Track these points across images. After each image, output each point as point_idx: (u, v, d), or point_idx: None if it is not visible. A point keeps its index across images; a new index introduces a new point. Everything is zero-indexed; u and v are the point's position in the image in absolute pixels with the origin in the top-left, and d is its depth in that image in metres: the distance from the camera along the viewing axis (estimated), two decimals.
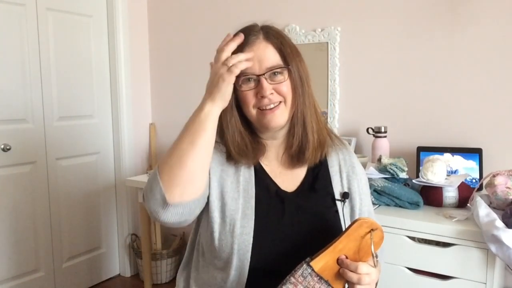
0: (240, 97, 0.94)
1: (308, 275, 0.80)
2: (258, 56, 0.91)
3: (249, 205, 0.93)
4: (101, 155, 2.67)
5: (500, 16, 1.69)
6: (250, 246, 0.89)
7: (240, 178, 0.96)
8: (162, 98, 2.83)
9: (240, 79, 0.91)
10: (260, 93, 0.90)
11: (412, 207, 1.50)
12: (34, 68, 2.27)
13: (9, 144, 2.18)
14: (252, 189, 0.95)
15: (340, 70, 2.08)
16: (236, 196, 0.93)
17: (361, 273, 0.81)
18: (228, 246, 0.90)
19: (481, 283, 1.28)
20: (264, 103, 0.91)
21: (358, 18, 2.02)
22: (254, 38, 0.93)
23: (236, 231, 0.90)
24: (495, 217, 1.24)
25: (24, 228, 2.28)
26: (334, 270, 0.83)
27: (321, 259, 0.82)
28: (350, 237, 0.83)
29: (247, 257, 0.89)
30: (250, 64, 0.89)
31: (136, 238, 2.79)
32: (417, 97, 1.89)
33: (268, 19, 0.99)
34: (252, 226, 0.90)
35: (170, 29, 2.72)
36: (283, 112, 0.93)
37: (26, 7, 2.22)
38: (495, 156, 1.71)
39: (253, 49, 0.91)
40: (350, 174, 1.02)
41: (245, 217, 0.91)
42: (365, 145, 2.02)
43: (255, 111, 0.93)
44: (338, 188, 1.00)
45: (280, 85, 0.92)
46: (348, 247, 0.83)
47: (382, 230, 0.85)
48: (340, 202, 0.98)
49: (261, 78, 0.90)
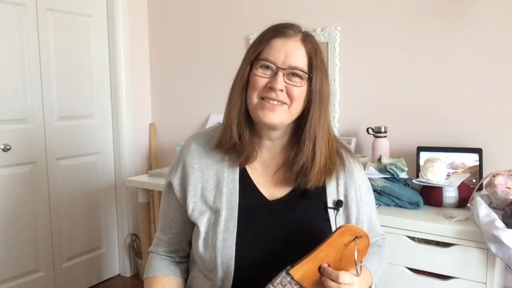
0: (250, 80, 0.90)
1: (288, 283, 0.79)
2: (287, 50, 0.88)
3: (232, 216, 0.91)
4: (101, 155, 2.67)
5: (500, 16, 1.69)
6: (232, 259, 0.88)
7: (223, 189, 0.93)
8: (162, 98, 2.83)
9: (260, 62, 0.89)
10: (271, 84, 0.87)
11: (412, 207, 1.50)
12: (34, 68, 2.27)
13: (9, 144, 2.18)
14: (236, 200, 0.92)
15: (340, 70, 2.08)
16: (218, 208, 0.91)
17: (342, 282, 0.77)
18: (212, 259, 0.89)
19: (481, 283, 1.28)
20: (269, 96, 0.87)
21: (358, 18, 2.02)
22: (292, 33, 0.90)
23: (218, 245, 0.89)
24: (495, 217, 1.24)
25: (24, 228, 2.28)
26: (314, 278, 0.80)
27: (301, 267, 0.80)
28: (332, 245, 0.79)
29: (230, 270, 0.88)
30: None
31: (136, 238, 2.79)
32: (417, 97, 1.89)
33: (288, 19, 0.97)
34: (234, 238, 0.89)
35: (170, 29, 2.72)
36: (283, 113, 0.89)
37: (26, 7, 2.22)
38: (495, 156, 1.71)
39: (286, 42, 0.89)
40: (348, 181, 0.97)
41: (227, 230, 0.90)
42: (365, 145, 2.02)
43: (257, 100, 0.89)
44: (333, 196, 0.96)
45: (293, 87, 0.88)
46: (330, 255, 0.80)
47: (368, 237, 0.81)
48: (333, 210, 0.95)
49: (279, 71, 0.87)
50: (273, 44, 0.89)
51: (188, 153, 0.98)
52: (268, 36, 0.90)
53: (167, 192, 1.01)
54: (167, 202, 1.02)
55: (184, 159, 0.98)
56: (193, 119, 2.66)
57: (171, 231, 1.01)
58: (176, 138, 2.75)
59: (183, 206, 0.97)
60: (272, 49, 0.88)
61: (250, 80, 0.90)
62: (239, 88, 0.91)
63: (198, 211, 0.93)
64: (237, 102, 0.91)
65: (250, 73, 0.90)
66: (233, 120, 0.91)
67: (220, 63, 2.50)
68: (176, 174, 0.97)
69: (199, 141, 0.99)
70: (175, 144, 2.57)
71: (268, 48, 0.89)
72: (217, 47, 2.52)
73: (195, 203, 0.94)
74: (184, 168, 0.97)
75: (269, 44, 0.89)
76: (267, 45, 0.89)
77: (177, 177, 0.97)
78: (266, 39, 0.90)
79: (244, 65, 0.91)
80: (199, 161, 0.96)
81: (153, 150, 2.85)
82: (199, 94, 2.61)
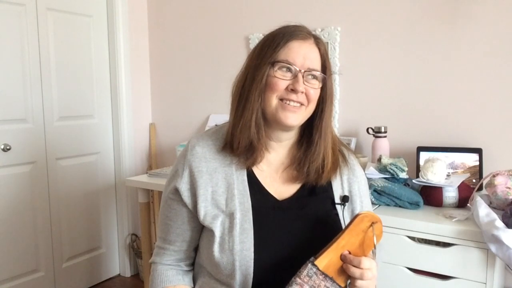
0: (268, 82, 0.90)
1: (314, 274, 0.80)
2: (305, 53, 0.90)
3: (247, 218, 0.90)
4: (101, 155, 2.67)
5: (500, 16, 1.69)
6: (251, 262, 0.87)
7: (235, 191, 0.92)
8: (162, 98, 2.83)
9: (279, 64, 0.89)
10: (294, 86, 0.88)
11: (412, 207, 1.50)
12: (34, 68, 2.27)
13: (9, 144, 2.18)
14: (248, 202, 0.92)
15: (340, 70, 2.08)
16: (232, 211, 0.90)
17: (364, 268, 0.81)
18: (230, 263, 0.88)
19: (481, 283, 1.28)
20: (291, 97, 0.89)
21: (358, 18, 2.02)
22: (307, 35, 0.92)
23: (236, 248, 0.87)
24: (495, 217, 1.24)
25: (24, 228, 2.28)
26: (337, 266, 0.84)
27: (325, 257, 0.82)
28: (352, 232, 0.84)
29: (249, 272, 0.87)
30: None
31: (136, 238, 2.79)
32: (417, 97, 1.89)
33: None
34: (251, 241, 0.88)
35: (170, 29, 2.72)
36: (301, 114, 0.91)
37: (26, 7, 2.22)
38: (495, 156, 1.71)
39: (302, 44, 0.90)
40: (351, 177, 1.01)
41: (244, 232, 0.89)
42: (365, 145, 2.02)
43: (276, 101, 0.90)
44: (339, 192, 0.99)
45: (311, 89, 0.90)
46: (351, 242, 0.84)
47: (381, 222, 0.87)
48: (340, 205, 0.97)
49: (299, 74, 0.89)
50: (290, 46, 0.89)
51: (194, 157, 0.95)
52: (286, 38, 0.90)
53: (172, 199, 0.97)
54: (172, 210, 0.98)
55: (190, 163, 0.95)
56: (193, 119, 2.66)
57: (179, 239, 0.98)
58: (176, 138, 2.75)
59: (192, 212, 0.94)
60: (290, 51, 0.89)
61: (268, 82, 0.90)
62: (257, 90, 0.90)
63: (210, 215, 0.91)
64: (255, 104, 0.90)
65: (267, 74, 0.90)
66: (251, 123, 0.90)
67: (220, 63, 2.50)
68: (183, 180, 0.94)
69: (203, 144, 0.97)
70: (175, 144, 2.57)
71: (286, 51, 0.89)
72: (217, 47, 2.52)
73: (206, 208, 0.92)
74: (191, 173, 0.94)
75: (287, 46, 0.89)
76: (284, 47, 0.89)
77: (184, 182, 0.94)
78: (284, 42, 0.90)
79: (262, 65, 0.90)
80: (206, 164, 0.94)
81: (153, 150, 2.85)
82: (199, 94, 2.61)
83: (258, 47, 0.94)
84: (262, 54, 0.91)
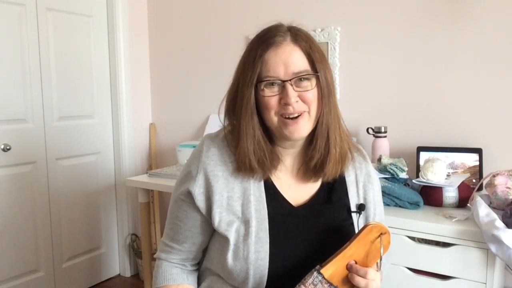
0: (261, 102, 0.86)
1: (319, 282, 0.80)
2: (284, 59, 0.84)
3: (263, 227, 0.87)
4: (101, 155, 2.67)
5: (500, 16, 1.69)
6: (266, 271, 0.86)
7: (251, 197, 0.89)
8: (162, 98, 2.83)
9: (263, 83, 0.85)
10: (285, 100, 0.84)
11: (412, 207, 1.50)
12: (34, 68, 2.27)
13: (9, 144, 2.18)
14: (265, 209, 0.89)
15: (340, 70, 2.08)
16: (248, 218, 0.88)
17: (369, 278, 0.81)
18: (243, 271, 0.86)
19: (481, 283, 1.28)
20: (287, 111, 0.84)
21: (358, 18, 2.02)
22: (280, 39, 0.85)
23: (251, 257, 0.85)
24: (495, 217, 1.24)
25: (24, 228, 2.28)
26: (342, 275, 0.83)
27: (331, 266, 0.82)
28: (360, 243, 0.83)
29: (263, 281, 0.86)
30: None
31: (136, 238, 2.79)
32: (417, 97, 1.89)
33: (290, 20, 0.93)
34: (267, 250, 0.86)
35: (170, 29, 2.72)
36: (306, 122, 0.87)
37: (26, 7, 2.22)
38: (495, 156, 1.71)
39: (278, 52, 0.84)
40: (366, 183, 0.98)
41: (259, 241, 0.86)
42: (365, 145, 2.02)
43: (277, 118, 0.86)
44: (354, 200, 0.96)
45: (306, 93, 0.85)
46: (358, 252, 0.84)
47: (389, 234, 0.86)
48: (356, 214, 0.95)
49: (286, 84, 0.84)
50: (267, 59, 0.84)
51: (209, 159, 0.91)
52: (259, 52, 0.85)
53: (184, 201, 0.93)
54: (182, 211, 0.94)
55: (205, 166, 0.91)
56: (193, 119, 2.66)
57: (188, 241, 0.96)
58: (176, 138, 2.75)
59: (206, 216, 0.91)
60: (269, 64, 0.84)
61: (261, 102, 0.86)
62: (248, 114, 0.86)
63: (225, 222, 0.88)
64: (248, 128, 0.87)
65: (256, 95, 0.86)
66: (249, 150, 0.87)
67: (220, 63, 2.50)
68: (197, 183, 0.90)
69: (219, 146, 0.93)
70: (175, 144, 2.57)
71: (264, 65, 0.84)
72: (217, 47, 2.52)
73: (221, 214, 0.89)
74: (206, 177, 0.90)
75: (263, 60, 0.85)
76: (261, 62, 0.85)
77: (198, 186, 0.90)
78: (259, 56, 0.85)
79: (245, 89, 0.86)
80: (221, 168, 0.91)
81: (153, 150, 2.85)
82: (199, 94, 2.61)
83: (241, 65, 0.90)
84: (244, 75, 0.87)
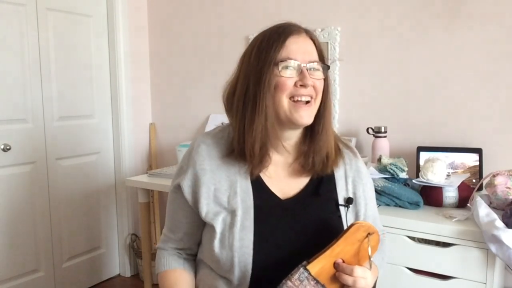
0: (276, 83, 0.89)
1: (305, 278, 0.80)
2: (304, 47, 0.90)
3: (248, 216, 0.91)
4: (101, 155, 2.67)
5: (500, 16, 1.69)
6: (250, 259, 0.88)
7: (237, 189, 0.93)
8: (162, 98, 2.83)
9: (281, 64, 0.88)
10: (302, 81, 0.88)
11: (412, 207, 1.50)
12: (34, 68, 2.27)
13: (9, 144, 2.18)
14: (251, 200, 0.92)
15: (340, 70, 2.08)
16: (234, 209, 0.91)
17: (356, 276, 0.81)
18: (229, 259, 0.89)
19: (481, 283, 1.28)
20: (301, 93, 0.89)
21: (358, 18, 2.02)
22: (300, 30, 0.92)
23: (236, 244, 0.88)
24: (495, 217, 1.24)
25: (24, 228, 2.28)
26: (330, 273, 0.83)
27: (318, 263, 0.81)
28: (348, 241, 0.83)
29: (248, 269, 0.88)
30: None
31: (136, 238, 2.79)
32: (417, 97, 1.89)
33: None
34: (251, 239, 0.89)
35: (170, 29, 2.72)
36: (313, 109, 0.92)
37: (26, 7, 2.22)
38: (495, 156, 1.71)
39: (299, 40, 0.90)
40: (356, 179, 1.01)
41: (244, 229, 0.89)
42: (365, 145, 2.02)
43: (287, 101, 0.89)
44: (343, 193, 0.99)
45: (318, 81, 0.91)
46: (346, 251, 0.83)
47: (378, 234, 0.85)
48: (344, 207, 0.97)
49: (304, 68, 0.89)
50: (288, 43, 0.89)
51: (198, 155, 0.96)
52: (282, 36, 0.90)
53: (175, 193, 1.00)
54: (174, 202, 1.01)
55: (194, 161, 0.96)
56: (193, 119, 2.66)
57: (181, 231, 1.02)
58: (176, 138, 2.75)
59: (193, 208, 0.96)
60: (290, 48, 0.89)
61: (276, 82, 0.89)
62: (268, 94, 0.88)
63: (212, 212, 0.93)
64: (268, 109, 0.89)
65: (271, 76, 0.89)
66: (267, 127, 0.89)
67: (220, 63, 2.50)
68: (186, 177, 0.96)
69: (209, 142, 0.98)
70: (175, 144, 2.57)
71: (285, 48, 0.89)
72: (217, 47, 2.52)
73: (208, 205, 0.93)
74: (194, 171, 0.95)
75: (285, 44, 0.89)
76: (283, 45, 0.89)
77: (186, 179, 0.96)
78: (281, 40, 0.89)
79: (265, 69, 0.88)
80: (209, 162, 0.95)
81: (153, 150, 2.85)
82: (199, 94, 2.61)
83: (254, 50, 0.92)
84: (262, 57, 0.90)
